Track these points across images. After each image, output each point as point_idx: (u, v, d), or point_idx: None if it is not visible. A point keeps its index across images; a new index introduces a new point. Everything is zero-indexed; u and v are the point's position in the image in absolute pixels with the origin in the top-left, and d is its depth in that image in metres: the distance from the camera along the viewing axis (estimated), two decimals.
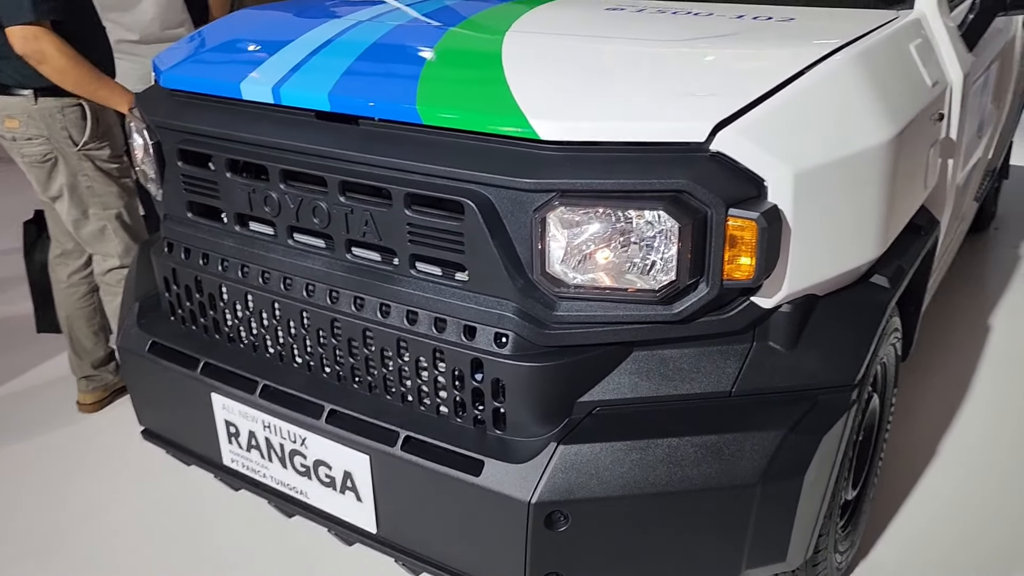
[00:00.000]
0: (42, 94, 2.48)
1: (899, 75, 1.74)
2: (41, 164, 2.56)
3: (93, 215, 2.64)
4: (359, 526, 1.72)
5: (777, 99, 1.49)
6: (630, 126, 1.43)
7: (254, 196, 1.73)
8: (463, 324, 1.52)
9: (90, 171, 2.60)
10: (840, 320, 1.62)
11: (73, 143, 2.55)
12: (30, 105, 2.48)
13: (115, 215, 2.66)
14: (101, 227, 2.66)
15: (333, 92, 1.65)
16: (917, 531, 2.31)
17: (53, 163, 2.56)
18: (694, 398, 1.55)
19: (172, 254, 1.92)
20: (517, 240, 1.47)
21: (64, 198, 2.61)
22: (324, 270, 1.67)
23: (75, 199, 2.61)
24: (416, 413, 1.63)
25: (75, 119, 2.54)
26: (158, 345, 1.96)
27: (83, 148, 2.57)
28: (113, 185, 2.64)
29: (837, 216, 1.54)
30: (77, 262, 2.80)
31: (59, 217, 2.71)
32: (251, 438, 1.81)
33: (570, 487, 1.46)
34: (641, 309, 1.48)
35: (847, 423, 1.60)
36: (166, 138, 1.89)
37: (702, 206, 1.40)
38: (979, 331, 3.36)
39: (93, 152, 2.59)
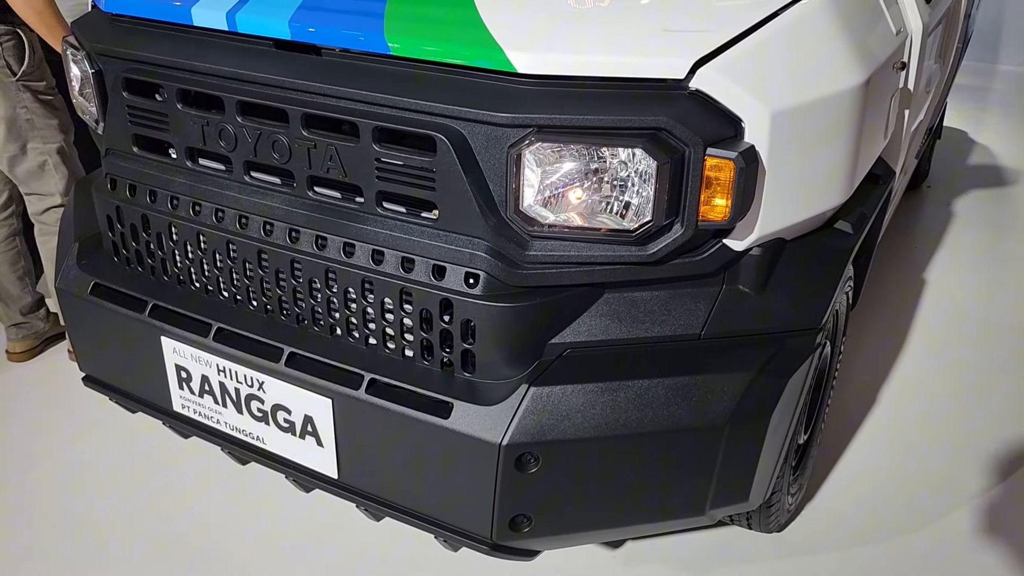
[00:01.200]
0: None
1: (868, 21, 1.74)
2: None
3: (32, 149, 2.50)
4: (319, 471, 1.68)
5: (755, 38, 1.47)
6: (610, 61, 1.39)
7: (208, 129, 1.63)
8: (432, 264, 1.48)
9: (29, 103, 2.46)
10: (807, 265, 1.63)
11: (11, 73, 2.41)
12: None
13: (56, 149, 2.52)
14: (41, 163, 2.52)
15: (293, 19, 1.56)
16: (855, 475, 2.39)
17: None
18: (665, 340, 1.54)
19: (116, 191, 1.82)
20: (490, 177, 1.43)
21: (0, 133, 2.46)
22: (284, 208, 1.60)
23: (13, 133, 2.46)
24: (381, 356, 1.59)
25: (12, 48, 2.40)
26: (101, 287, 1.86)
27: (22, 78, 2.43)
28: (53, 118, 2.50)
29: (808, 159, 1.54)
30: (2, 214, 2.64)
31: None
32: (204, 383, 1.74)
33: (541, 429, 1.45)
34: (615, 249, 1.46)
35: (810, 366, 1.62)
36: (109, 67, 1.78)
37: (681, 145, 1.38)
38: (913, 283, 3.47)
39: (32, 83, 2.45)
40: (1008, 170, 4.83)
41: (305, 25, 1.55)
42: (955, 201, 4.37)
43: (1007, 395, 2.76)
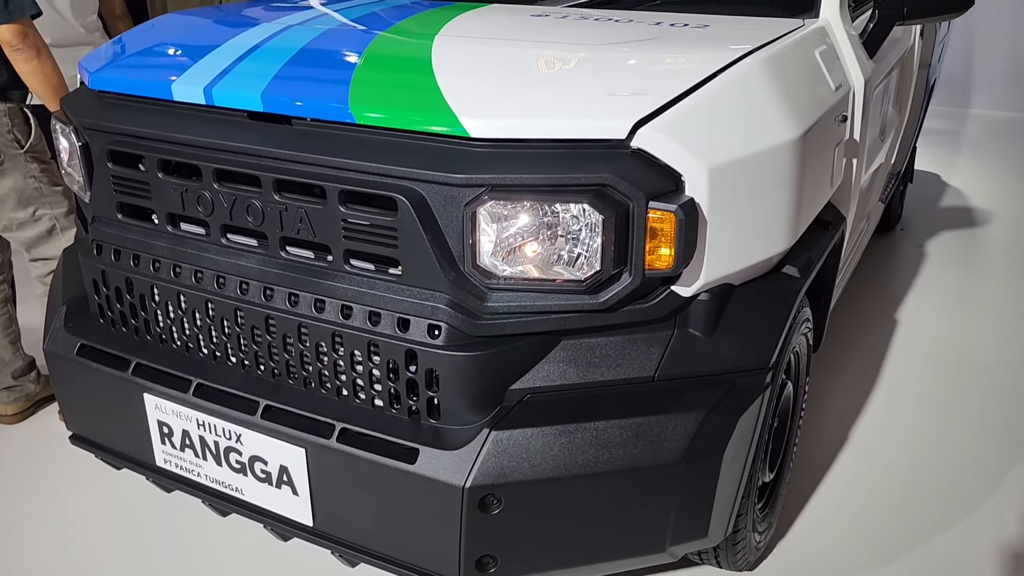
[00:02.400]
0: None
1: (804, 78, 1.86)
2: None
3: (42, 215, 2.62)
4: (295, 520, 1.74)
5: (693, 99, 1.58)
6: (556, 124, 1.50)
7: (187, 196, 1.74)
8: (397, 317, 1.57)
9: (36, 172, 2.59)
10: (754, 308, 1.72)
11: (20, 146, 2.54)
12: None
13: (63, 214, 2.64)
14: (50, 227, 2.64)
15: (266, 93, 1.68)
16: (827, 513, 2.44)
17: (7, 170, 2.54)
18: (620, 383, 1.62)
19: (101, 256, 1.91)
20: (449, 234, 1.53)
21: (11, 201, 2.58)
22: (258, 268, 1.70)
23: (23, 201, 2.59)
24: (351, 406, 1.67)
25: (19, 124, 2.54)
26: (87, 348, 1.95)
27: (29, 150, 2.56)
28: (58, 185, 2.63)
29: (749, 209, 1.64)
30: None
31: None
32: (185, 437, 1.81)
33: (502, 471, 1.52)
34: (569, 299, 1.55)
35: (762, 404, 1.70)
36: (95, 140, 1.89)
37: (624, 199, 1.48)
38: (885, 325, 3.55)
39: (38, 154, 2.58)
40: (979, 211, 4.95)
41: (275, 97, 1.66)
42: (928, 243, 4.48)
43: (978, 433, 2.83)
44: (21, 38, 2.37)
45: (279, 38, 1.95)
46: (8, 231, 2.63)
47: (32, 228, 2.61)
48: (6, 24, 2.35)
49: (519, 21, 2.12)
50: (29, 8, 2.37)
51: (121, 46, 2.08)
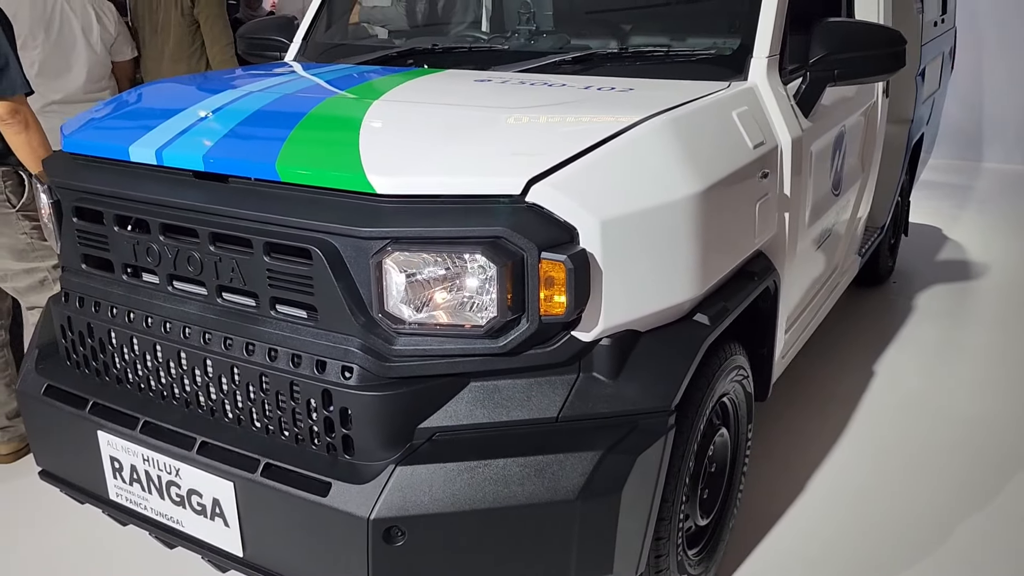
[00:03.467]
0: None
1: (711, 137, 1.98)
2: None
3: (34, 269, 2.82)
4: (228, 551, 1.85)
5: (588, 158, 1.70)
6: (454, 180, 1.64)
7: (138, 248, 1.90)
8: (315, 359, 1.70)
9: (28, 229, 2.79)
10: (658, 353, 1.81)
11: (11, 206, 2.75)
12: None
13: (52, 266, 2.83)
14: (41, 279, 2.83)
15: (207, 154, 1.84)
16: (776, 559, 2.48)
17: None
18: (524, 424, 1.72)
19: (68, 303, 2.08)
20: (359, 282, 1.66)
21: (4, 255, 2.79)
22: (199, 314, 1.84)
23: (16, 255, 2.80)
24: (278, 442, 1.79)
25: (13, 185, 2.76)
26: (52, 388, 2.10)
27: (21, 209, 2.76)
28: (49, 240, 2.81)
29: (647, 260, 1.75)
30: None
31: None
32: (133, 472, 1.94)
33: (405, 504, 1.62)
34: (471, 343, 1.66)
35: (665, 445, 1.78)
36: (64, 197, 2.07)
37: (518, 250, 1.60)
38: (859, 375, 3.58)
39: (30, 212, 2.78)
40: (976, 265, 4.96)
41: (215, 158, 1.82)
42: (918, 295, 4.50)
43: (938, 483, 2.84)
44: (12, 114, 2.60)
45: (239, 102, 2.12)
46: (3, 281, 2.83)
47: (24, 279, 2.81)
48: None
49: (460, 86, 2.28)
50: (21, 87, 2.61)
51: (99, 111, 2.28)
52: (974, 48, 7.09)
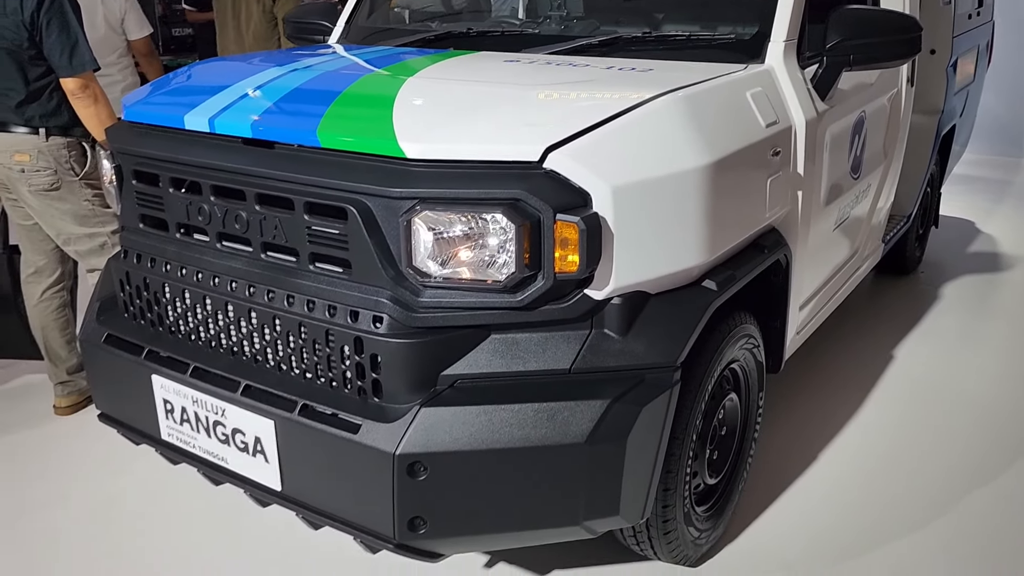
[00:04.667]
0: (51, 133, 2.92)
1: (722, 114, 2.09)
2: (47, 192, 2.96)
3: (94, 234, 3.03)
4: (268, 486, 2.02)
5: (603, 129, 1.84)
6: (478, 147, 1.78)
7: (191, 208, 2.08)
8: (349, 309, 1.86)
9: (90, 196, 3.01)
10: (666, 313, 1.95)
11: (75, 174, 2.97)
12: (41, 142, 2.91)
13: (111, 231, 3.04)
14: (101, 243, 3.05)
15: (255, 122, 2.01)
16: (781, 523, 2.59)
17: (59, 190, 2.96)
18: (539, 374, 1.87)
19: (126, 259, 2.27)
20: (390, 239, 1.81)
21: (68, 220, 3.00)
22: (244, 269, 2.02)
23: (78, 220, 3.01)
24: (314, 386, 1.95)
25: (77, 155, 2.98)
26: (112, 337, 2.30)
27: (84, 177, 2.98)
28: (110, 208, 3.04)
29: (655, 225, 1.88)
30: (49, 279, 3.17)
31: (36, 239, 3.10)
32: (183, 412, 2.13)
33: (427, 442, 1.78)
34: (491, 297, 1.81)
35: (670, 398, 1.91)
36: (125, 162, 2.26)
37: (535, 211, 1.74)
38: (877, 358, 3.66)
39: (92, 181, 2.99)
40: (1007, 259, 4.98)
41: (262, 126, 1.99)
42: (944, 286, 4.55)
43: (945, 462, 2.93)
44: (82, 88, 2.82)
45: (285, 77, 2.29)
46: (67, 245, 3.05)
47: (86, 243, 3.02)
48: (71, 77, 2.80)
49: (490, 65, 2.42)
50: (89, 64, 2.84)
51: (155, 86, 2.47)
52: (1017, 45, 7.05)
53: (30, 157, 2.91)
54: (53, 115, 2.91)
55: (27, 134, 2.90)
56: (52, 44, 2.80)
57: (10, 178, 2.95)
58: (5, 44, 2.80)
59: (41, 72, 2.87)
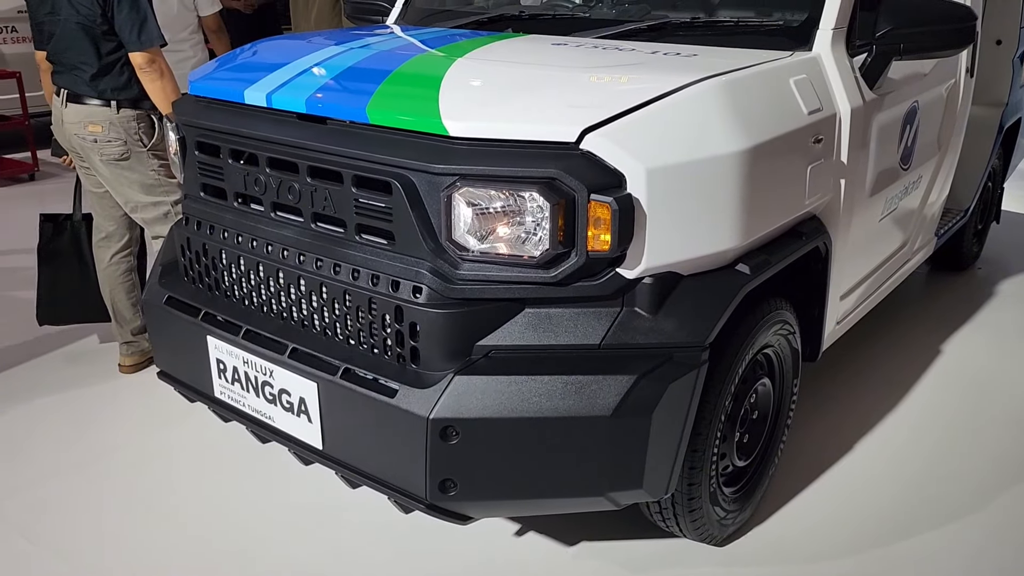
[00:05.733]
0: (122, 105, 3.08)
1: (762, 100, 2.12)
2: (117, 161, 3.13)
3: (159, 203, 3.19)
4: (310, 444, 2.13)
5: (641, 112, 1.89)
6: (518, 127, 1.85)
7: (248, 179, 2.19)
8: (391, 279, 1.95)
9: (156, 167, 3.17)
10: (697, 294, 1.99)
11: (143, 145, 3.13)
12: (113, 114, 3.08)
13: (175, 201, 3.19)
14: (165, 212, 3.21)
15: (309, 99, 2.11)
16: (811, 509, 2.62)
17: (128, 160, 3.13)
18: (570, 348, 1.93)
19: (187, 226, 2.40)
20: (431, 213, 1.89)
21: (135, 189, 3.17)
22: (295, 238, 2.12)
23: (145, 189, 3.17)
24: (356, 351, 2.05)
25: (145, 127, 3.14)
26: (172, 299, 2.44)
27: (151, 148, 3.14)
28: (174, 177, 3.20)
29: (689, 208, 1.92)
30: (118, 244, 3.35)
31: (107, 206, 3.29)
32: (234, 372, 2.25)
33: (460, 407, 1.86)
34: (527, 272, 1.88)
35: (697, 377, 1.96)
36: (189, 134, 2.38)
37: (570, 191, 1.81)
38: (924, 351, 3.63)
39: (158, 152, 3.15)
40: None
41: (316, 102, 2.09)
42: (1002, 283, 4.46)
43: (986, 453, 2.91)
44: (150, 63, 2.97)
45: (341, 56, 2.39)
46: (134, 212, 3.21)
47: (151, 211, 3.18)
48: (139, 52, 2.95)
49: (537, 48, 2.48)
50: (157, 39, 2.99)
51: (220, 62, 2.59)
52: None
53: (102, 128, 3.07)
54: (124, 88, 3.07)
55: (100, 106, 3.06)
56: (123, 20, 2.96)
57: (83, 147, 3.12)
58: (80, 19, 2.96)
59: (113, 47, 3.02)
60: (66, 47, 3.02)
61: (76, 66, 3.03)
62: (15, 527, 2.54)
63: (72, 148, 3.20)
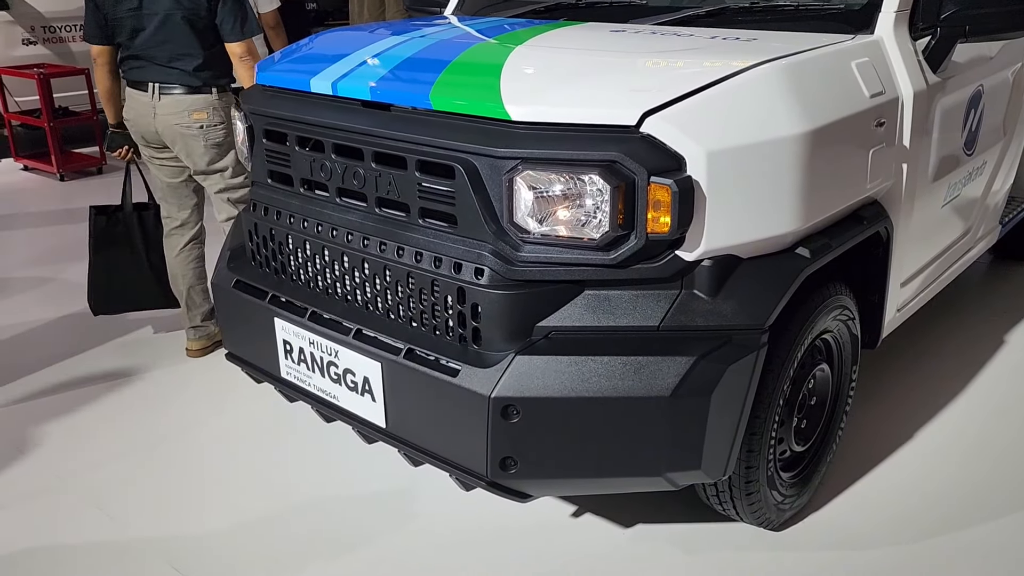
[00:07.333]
0: (220, 91, 3.28)
1: (823, 83, 2.11)
2: (220, 144, 3.29)
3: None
4: (374, 423, 2.20)
5: (701, 96, 1.90)
6: (579, 111, 1.88)
7: (314, 165, 2.26)
8: (453, 261, 1.99)
9: None
10: (756, 277, 2.00)
11: None
12: (214, 99, 3.27)
13: None
14: None
15: (373, 87, 2.17)
16: (869, 499, 2.60)
17: (230, 140, 3.29)
18: (629, 330, 1.96)
19: (255, 212, 2.48)
20: (493, 197, 1.93)
21: (230, 170, 3.33)
22: (360, 222, 2.18)
23: (238, 169, 3.33)
24: (419, 332, 2.11)
25: None
26: (240, 282, 2.52)
27: None
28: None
29: (749, 191, 1.93)
30: (191, 232, 3.46)
31: (183, 195, 3.43)
32: (300, 353, 2.33)
33: (521, 387, 1.90)
34: (587, 254, 1.91)
35: (757, 360, 1.97)
36: (256, 122, 2.46)
37: (630, 173, 1.83)
38: (988, 342, 3.56)
39: None
40: None
41: (379, 90, 2.15)
42: None
43: None
44: (248, 52, 3.18)
45: (403, 45, 2.44)
46: (223, 192, 3.33)
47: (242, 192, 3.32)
48: (239, 42, 3.15)
49: (596, 34, 2.50)
50: (256, 30, 3.22)
51: (284, 53, 2.66)
52: None
53: (207, 114, 3.25)
54: (224, 76, 3.27)
55: (203, 94, 3.23)
56: (227, 13, 3.15)
57: (184, 136, 3.24)
58: (185, 13, 3.13)
59: (213, 38, 3.21)
60: (164, 40, 3.16)
61: (175, 58, 3.18)
62: (93, 501, 2.66)
63: (163, 139, 3.30)
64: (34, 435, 3.02)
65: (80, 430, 3.06)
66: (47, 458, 2.90)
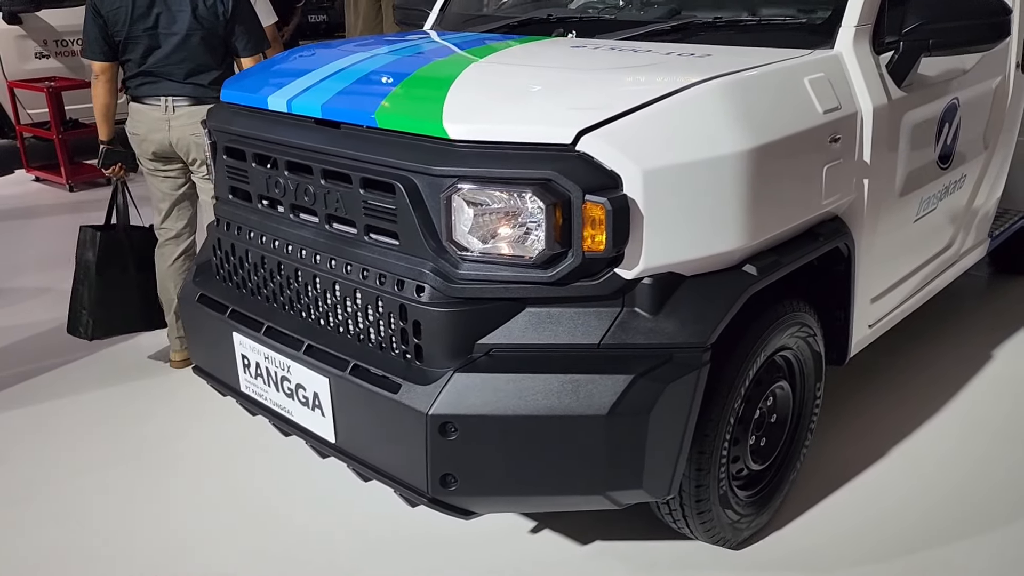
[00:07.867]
0: None
1: (771, 100, 2.09)
2: None
3: None
4: (324, 437, 2.21)
5: (639, 114, 1.89)
6: (515, 129, 1.88)
7: (270, 182, 2.28)
8: (396, 278, 2.00)
9: None
10: (699, 294, 1.98)
11: None
12: None
13: None
14: None
15: (325, 104, 2.19)
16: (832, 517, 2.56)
17: None
18: (569, 347, 1.95)
19: (218, 227, 2.51)
20: (433, 214, 1.94)
21: None
22: (312, 238, 2.20)
23: None
24: (365, 348, 2.12)
25: None
26: (204, 296, 2.55)
27: None
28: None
29: (689, 208, 1.92)
30: (185, 243, 3.52)
31: (183, 206, 3.50)
32: (257, 367, 2.35)
33: (459, 404, 1.90)
34: (524, 272, 1.91)
35: (699, 378, 1.95)
36: (219, 139, 2.49)
37: (565, 192, 1.83)
38: (973, 356, 3.50)
39: None
40: None
41: (329, 107, 2.16)
42: None
43: None
44: None
45: (363, 62, 2.45)
46: None
47: None
48: (251, 56, 3.31)
49: (554, 51, 2.51)
50: (267, 44, 3.38)
51: (251, 71, 2.70)
52: None
53: None
54: None
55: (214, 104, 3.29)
56: (242, 30, 3.31)
57: (200, 146, 3.30)
58: (204, 32, 3.25)
59: (225, 53, 3.35)
60: (183, 58, 3.26)
61: (192, 74, 3.29)
62: (65, 509, 2.70)
63: (177, 150, 3.35)
64: (10, 444, 3.08)
65: (60, 440, 3.11)
66: (21, 467, 2.94)
